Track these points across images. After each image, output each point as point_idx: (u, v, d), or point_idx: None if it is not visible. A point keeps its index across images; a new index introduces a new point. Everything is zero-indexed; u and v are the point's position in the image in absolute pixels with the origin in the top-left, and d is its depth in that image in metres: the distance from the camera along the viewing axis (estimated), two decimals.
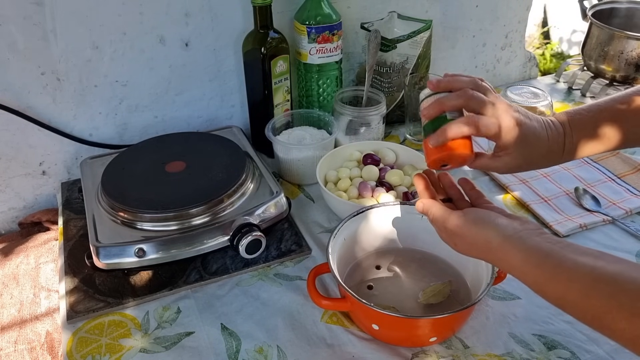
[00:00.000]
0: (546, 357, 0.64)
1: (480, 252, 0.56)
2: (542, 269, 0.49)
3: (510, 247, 0.51)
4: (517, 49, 1.28)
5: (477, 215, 0.56)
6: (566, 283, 0.47)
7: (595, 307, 0.45)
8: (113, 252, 0.71)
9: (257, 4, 0.89)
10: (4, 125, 0.88)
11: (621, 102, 0.63)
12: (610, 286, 0.45)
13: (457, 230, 0.56)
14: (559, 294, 0.48)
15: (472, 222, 0.55)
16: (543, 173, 0.95)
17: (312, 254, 0.80)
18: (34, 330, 0.72)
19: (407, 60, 1.04)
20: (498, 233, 0.53)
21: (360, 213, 0.74)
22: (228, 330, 0.69)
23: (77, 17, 0.85)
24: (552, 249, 0.49)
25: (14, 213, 0.95)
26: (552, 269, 0.48)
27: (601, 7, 1.24)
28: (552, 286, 0.48)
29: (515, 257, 0.51)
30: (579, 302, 0.46)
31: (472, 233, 0.55)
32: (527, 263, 0.50)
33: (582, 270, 0.47)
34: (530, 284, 0.51)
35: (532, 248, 0.50)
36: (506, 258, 0.52)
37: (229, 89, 1.03)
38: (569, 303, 0.47)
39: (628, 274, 0.44)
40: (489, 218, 0.55)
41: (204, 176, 0.81)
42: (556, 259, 0.48)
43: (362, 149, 0.92)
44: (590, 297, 0.45)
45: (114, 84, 0.93)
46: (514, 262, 0.51)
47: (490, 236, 0.53)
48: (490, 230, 0.54)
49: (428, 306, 0.68)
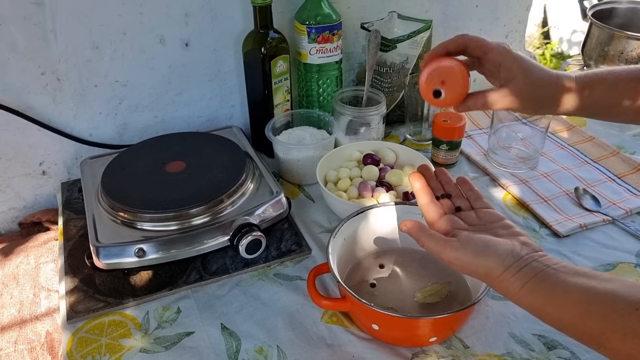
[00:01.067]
0: (546, 357, 0.64)
1: (478, 278, 0.55)
2: (538, 294, 0.49)
3: (509, 276, 0.51)
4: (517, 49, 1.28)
5: (476, 247, 0.54)
6: (560, 307, 0.48)
7: (590, 329, 0.46)
8: (113, 252, 0.71)
9: (257, 4, 0.89)
10: (4, 125, 0.88)
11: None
12: (603, 307, 0.45)
13: (455, 261, 0.55)
14: (555, 317, 0.49)
15: (471, 255, 0.53)
16: (543, 173, 0.95)
17: (312, 254, 0.80)
18: (34, 330, 0.72)
19: (407, 60, 1.04)
20: (498, 265, 0.52)
21: (360, 213, 0.74)
22: (228, 330, 0.69)
23: (77, 17, 0.85)
24: (547, 272, 0.50)
25: (14, 213, 0.95)
26: (546, 294, 0.49)
27: (601, 7, 1.24)
28: (548, 310, 0.49)
29: (512, 285, 0.51)
30: (575, 324, 0.47)
31: (471, 265, 0.54)
32: (523, 289, 0.50)
33: (575, 293, 0.47)
34: (527, 309, 0.51)
35: (528, 274, 0.50)
36: (504, 286, 0.52)
37: (229, 89, 1.03)
38: (566, 325, 0.48)
39: (620, 294, 0.45)
40: (488, 249, 0.53)
41: (204, 176, 0.81)
42: (550, 282, 0.49)
43: (362, 149, 0.92)
44: (584, 318, 0.46)
45: (114, 84, 0.93)
46: (511, 289, 0.51)
47: (490, 268, 0.52)
48: (490, 262, 0.52)
49: (424, 305, 0.68)
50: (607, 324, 0.44)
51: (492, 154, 0.98)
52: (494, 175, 0.95)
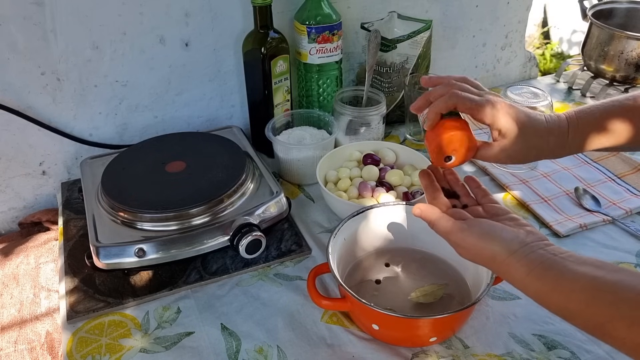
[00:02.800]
0: (546, 357, 0.64)
1: (484, 263, 0.56)
2: (544, 281, 0.49)
3: (515, 262, 0.52)
4: (517, 49, 1.28)
5: (482, 229, 0.55)
6: (568, 294, 0.48)
7: (596, 316, 0.46)
8: (113, 252, 0.71)
9: (257, 4, 0.89)
10: (4, 125, 0.88)
11: (628, 98, 0.63)
12: (611, 295, 0.45)
13: (461, 243, 0.56)
14: (561, 305, 0.49)
15: (477, 237, 0.54)
16: (543, 173, 0.95)
17: (312, 254, 0.80)
18: (34, 330, 0.72)
19: (407, 60, 1.04)
20: (503, 248, 0.53)
21: (360, 213, 0.74)
22: (228, 330, 0.69)
23: (77, 17, 0.85)
24: (554, 260, 0.50)
25: (14, 213, 0.95)
26: (553, 281, 0.49)
27: (601, 7, 1.24)
28: (554, 297, 0.49)
29: (518, 271, 0.51)
30: (581, 312, 0.47)
31: (477, 248, 0.55)
32: (529, 276, 0.50)
33: (583, 281, 0.47)
34: (532, 296, 0.51)
35: (535, 261, 0.51)
36: (510, 271, 0.52)
37: (229, 89, 1.03)
38: (571, 313, 0.48)
39: (628, 283, 0.45)
40: (494, 232, 0.54)
41: (204, 176, 0.81)
42: (558, 270, 0.49)
43: (362, 149, 0.92)
44: (591, 306, 0.46)
45: (114, 84, 0.93)
46: (517, 275, 0.52)
47: (495, 252, 0.53)
48: (495, 245, 0.53)
49: (418, 305, 0.68)
50: (615, 311, 0.44)
51: None
52: (494, 175, 0.95)
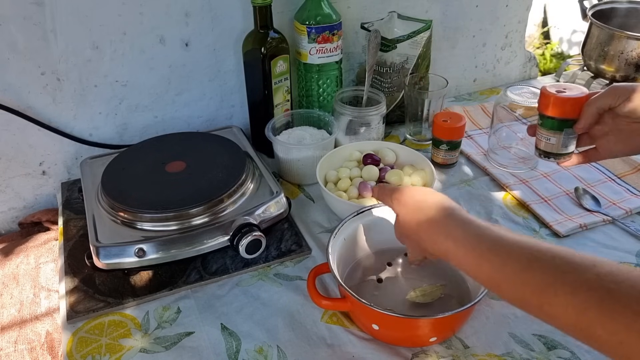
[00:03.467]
0: (546, 357, 0.64)
1: (423, 223, 0.56)
2: (480, 248, 0.49)
3: (452, 222, 0.53)
4: (517, 49, 1.28)
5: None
6: (505, 257, 0.47)
7: (535, 279, 0.44)
8: (113, 252, 0.71)
9: (257, 4, 0.89)
10: (4, 125, 0.88)
11: None
12: (553, 260, 0.44)
13: (399, 197, 0.60)
14: (496, 268, 0.47)
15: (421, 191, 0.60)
16: (543, 173, 0.95)
17: (312, 254, 0.80)
18: (34, 330, 0.72)
19: (407, 60, 1.04)
20: (445, 209, 0.55)
21: (360, 213, 0.74)
22: (228, 330, 0.69)
23: (77, 17, 0.85)
24: (489, 228, 0.50)
25: (14, 213, 0.95)
26: (490, 246, 0.49)
27: (601, 7, 1.24)
28: (489, 260, 0.48)
29: (456, 231, 0.52)
30: (517, 276, 0.45)
31: (421, 197, 0.59)
32: (465, 239, 0.51)
33: (521, 246, 0.46)
34: (466, 265, 0.51)
35: (470, 224, 0.51)
36: (449, 231, 0.53)
37: (229, 89, 1.03)
38: (507, 278, 0.46)
39: (570, 252, 0.44)
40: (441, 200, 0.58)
41: (204, 176, 0.81)
42: (494, 237, 0.49)
43: (362, 149, 0.92)
44: (530, 270, 0.44)
45: (114, 84, 0.93)
46: (455, 234, 0.52)
47: (439, 205, 0.56)
48: (437, 199, 0.57)
49: (415, 305, 0.68)
50: (559, 275, 0.43)
51: (492, 154, 0.98)
52: (494, 175, 0.95)
